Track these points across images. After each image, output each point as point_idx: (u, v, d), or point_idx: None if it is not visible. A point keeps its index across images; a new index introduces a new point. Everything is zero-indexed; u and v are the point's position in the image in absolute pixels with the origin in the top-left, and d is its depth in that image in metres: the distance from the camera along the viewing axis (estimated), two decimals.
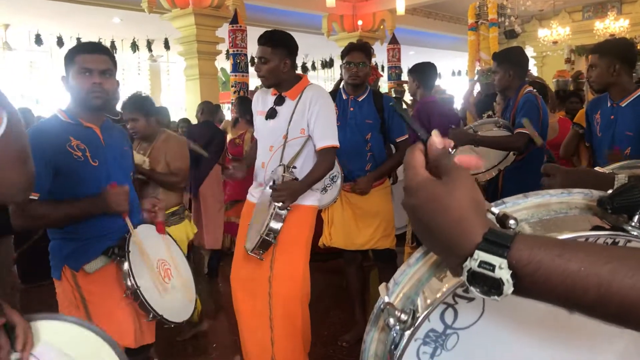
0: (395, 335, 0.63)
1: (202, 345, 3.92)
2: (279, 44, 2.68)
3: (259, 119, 2.86)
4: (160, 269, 2.22)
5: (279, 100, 2.76)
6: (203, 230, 5.12)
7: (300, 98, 2.71)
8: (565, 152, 3.64)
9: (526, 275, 0.55)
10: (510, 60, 3.45)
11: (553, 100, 4.84)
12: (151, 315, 2.11)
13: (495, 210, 0.63)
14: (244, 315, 2.83)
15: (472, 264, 0.56)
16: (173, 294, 2.24)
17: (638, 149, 2.86)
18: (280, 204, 2.51)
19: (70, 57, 2.15)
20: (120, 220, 2.16)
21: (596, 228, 0.65)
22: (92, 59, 2.11)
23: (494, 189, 3.57)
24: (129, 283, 2.08)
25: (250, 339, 2.81)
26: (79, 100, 2.16)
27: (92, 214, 2.10)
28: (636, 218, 0.64)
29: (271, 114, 2.76)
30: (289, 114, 2.71)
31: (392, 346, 0.64)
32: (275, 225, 2.54)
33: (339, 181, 3.37)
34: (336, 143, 2.75)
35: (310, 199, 2.79)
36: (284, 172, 2.60)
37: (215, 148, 5.18)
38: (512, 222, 0.60)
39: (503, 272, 0.55)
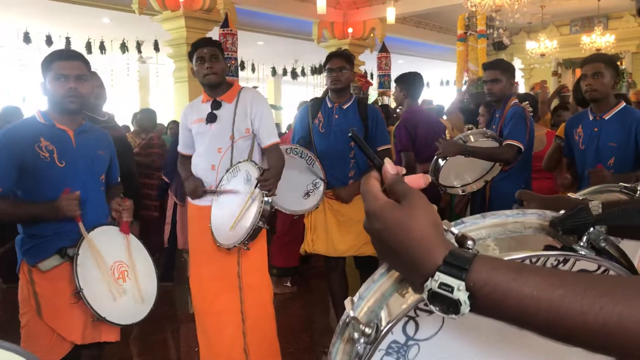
0: (360, 348, 0.66)
1: (183, 348, 3.91)
2: (219, 45, 2.91)
3: (196, 126, 2.93)
4: (116, 270, 2.28)
5: (216, 105, 2.88)
6: (188, 233, 5.10)
7: (238, 101, 2.86)
8: (548, 165, 3.68)
9: (482, 296, 0.58)
10: (511, 69, 3.54)
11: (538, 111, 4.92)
12: (96, 317, 2.18)
13: (455, 230, 0.66)
14: (208, 315, 2.91)
15: (432, 284, 0.59)
16: (126, 296, 2.29)
17: (621, 159, 2.96)
18: (267, 192, 2.70)
19: (47, 64, 2.25)
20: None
21: (548, 247, 0.68)
22: (67, 65, 2.22)
23: (482, 200, 3.59)
24: (74, 284, 2.16)
25: (218, 337, 2.87)
26: (56, 104, 2.27)
27: (44, 219, 2.20)
28: (584, 238, 0.69)
29: (211, 118, 2.87)
30: (230, 116, 2.85)
31: (357, 358, 0.66)
32: (265, 212, 2.71)
33: (321, 187, 3.38)
34: (278, 139, 2.93)
35: None
36: (255, 165, 2.77)
37: None
38: (470, 242, 0.63)
39: (461, 293, 0.57)
